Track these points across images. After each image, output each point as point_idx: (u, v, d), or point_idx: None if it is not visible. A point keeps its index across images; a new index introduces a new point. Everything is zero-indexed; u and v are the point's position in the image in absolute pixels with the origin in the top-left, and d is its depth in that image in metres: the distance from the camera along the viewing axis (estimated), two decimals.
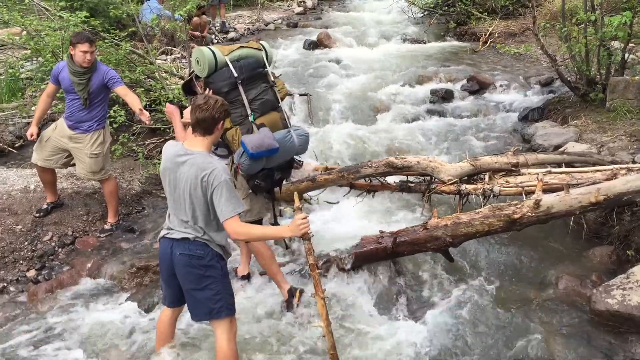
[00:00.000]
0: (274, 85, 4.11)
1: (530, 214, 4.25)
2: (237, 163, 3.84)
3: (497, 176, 5.20)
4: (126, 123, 6.32)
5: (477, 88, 8.64)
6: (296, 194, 3.34)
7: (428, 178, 5.38)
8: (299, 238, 3.79)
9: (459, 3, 12.07)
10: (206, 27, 11.16)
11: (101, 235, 5.17)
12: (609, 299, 3.87)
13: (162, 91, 6.61)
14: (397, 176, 5.54)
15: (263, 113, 3.99)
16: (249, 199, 4.05)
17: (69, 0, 7.96)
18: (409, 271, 4.66)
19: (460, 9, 12.16)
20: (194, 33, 10.44)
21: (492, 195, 5.04)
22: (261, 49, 4.13)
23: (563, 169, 5.14)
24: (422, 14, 13.48)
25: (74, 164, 5.11)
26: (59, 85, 4.91)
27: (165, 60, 8.79)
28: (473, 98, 8.52)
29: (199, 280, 3.26)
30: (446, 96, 8.45)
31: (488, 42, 10.89)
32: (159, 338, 3.66)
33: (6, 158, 6.33)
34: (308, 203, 5.69)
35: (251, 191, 4.04)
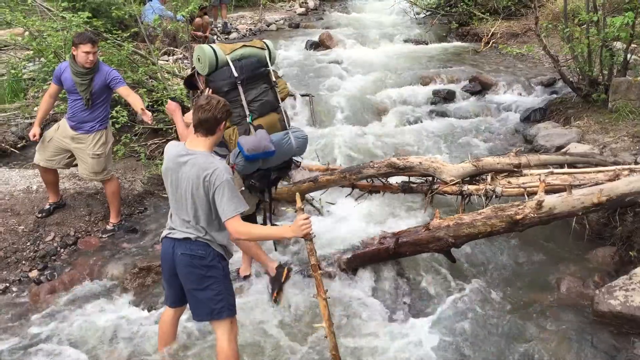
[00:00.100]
0: (276, 85, 4.10)
1: (532, 215, 4.25)
2: (233, 163, 3.84)
3: (500, 177, 5.20)
4: (128, 123, 6.34)
5: (479, 89, 8.64)
6: (298, 195, 3.33)
7: (430, 179, 5.38)
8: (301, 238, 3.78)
9: (461, 4, 12.06)
10: (208, 28, 11.17)
11: (103, 235, 5.18)
12: (612, 300, 3.86)
13: (165, 92, 6.61)
14: (399, 177, 5.54)
15: (262, 114, 3.98)
16: (242, 195, 4.06)
17: (72, 0, 7.97)
18: (411, 272, 4.66)
19: (462, 10, 12.15)
20: (196, 33, 10.45)
21: (495, 196, 5.04)
22: (264, 48, 4.12)
23: (565, 170, 5.14)
24: (424, 15, 13.49)
25: (77, 165, 5.12)
26: (62, 85, 4.92)
27: (167, 60, 8.79)
28: (475, 99, 8.52)
29: (201, 280, 3.26)
30: (448, 97, 8.46)
31: (490, 43, 10.87)
32: (161, 338, 3.68)
33: (9, 158, 6.33)
34: (318, 210, 5.62)
35: (244, 187, 4.04)
